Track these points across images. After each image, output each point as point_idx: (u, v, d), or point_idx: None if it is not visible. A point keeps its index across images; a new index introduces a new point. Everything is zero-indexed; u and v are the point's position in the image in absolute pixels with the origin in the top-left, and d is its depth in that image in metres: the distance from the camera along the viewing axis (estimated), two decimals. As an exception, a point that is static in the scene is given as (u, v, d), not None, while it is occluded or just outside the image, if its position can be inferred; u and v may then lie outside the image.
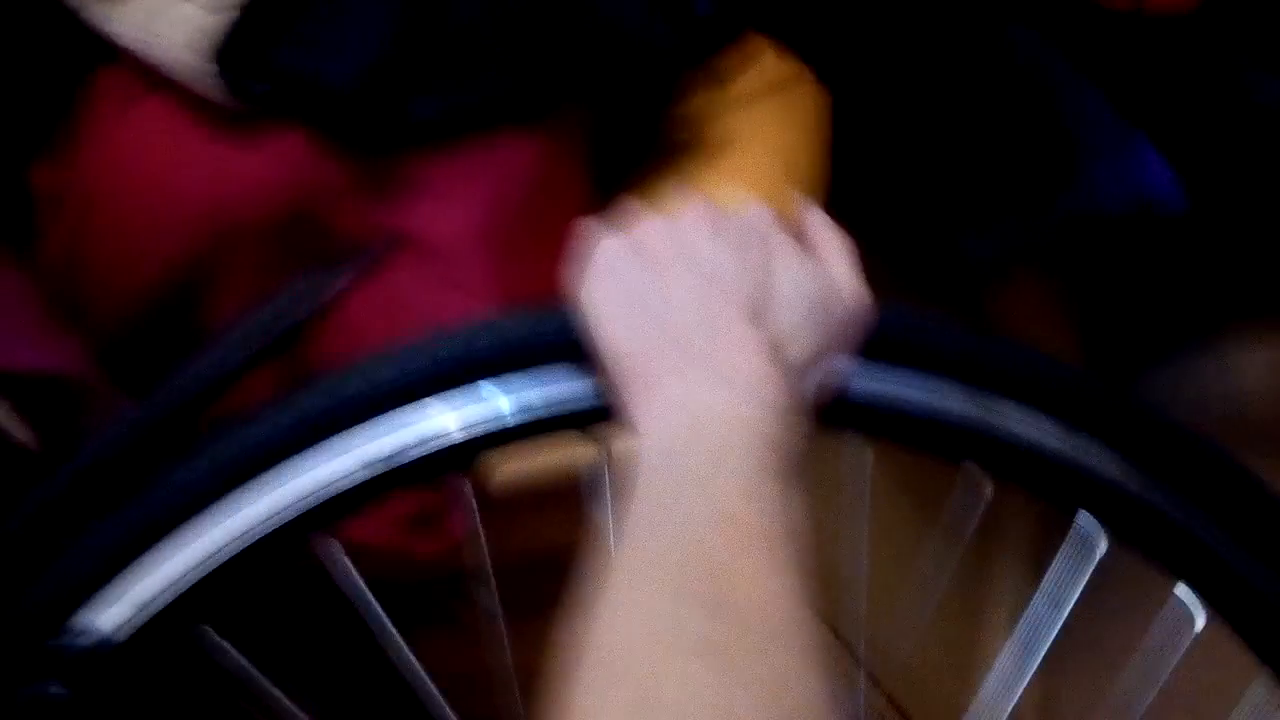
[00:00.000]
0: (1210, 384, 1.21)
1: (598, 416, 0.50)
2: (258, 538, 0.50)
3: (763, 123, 0.89)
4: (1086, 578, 0.57)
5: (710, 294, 0.47)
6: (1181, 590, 0.56)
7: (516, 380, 0.51)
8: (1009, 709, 0.61)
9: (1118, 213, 1.04)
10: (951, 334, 0.54)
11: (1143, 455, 0.54)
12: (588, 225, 0.51)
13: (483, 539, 0.56)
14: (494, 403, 0.51)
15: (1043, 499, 0.56)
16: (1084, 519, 0.56)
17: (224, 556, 0.50)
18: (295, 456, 0.49)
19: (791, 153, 0.86)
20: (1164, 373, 1.26)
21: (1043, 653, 0.60)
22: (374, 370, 0.50)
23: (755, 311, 0.47)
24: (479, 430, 0.51)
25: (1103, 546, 0.56)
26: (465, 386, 0.51)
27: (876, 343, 0.52)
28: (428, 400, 0.50)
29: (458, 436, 0.51)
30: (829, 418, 0.53)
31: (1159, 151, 1.00)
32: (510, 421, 0.51)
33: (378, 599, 0.87)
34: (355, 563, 0.77)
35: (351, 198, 0.77)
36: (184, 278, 0.75)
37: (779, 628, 0.37)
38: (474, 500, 0.53)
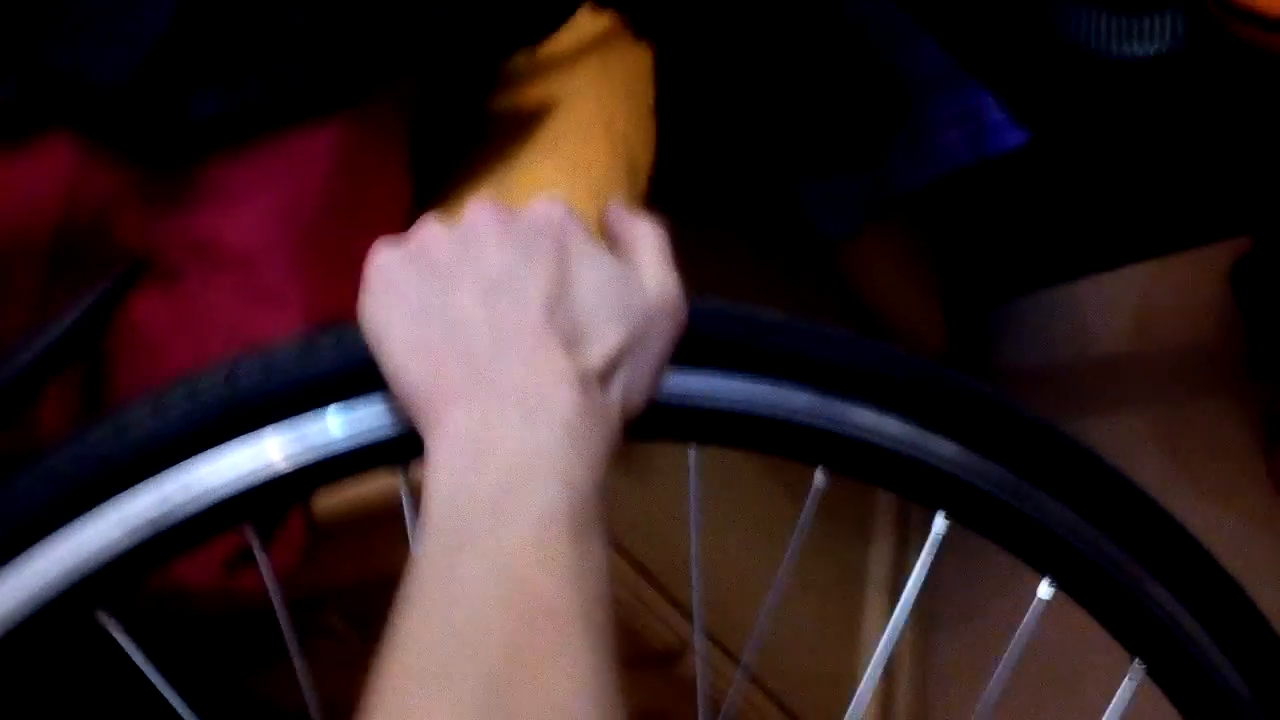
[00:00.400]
0: (1057, 322, 1.22)
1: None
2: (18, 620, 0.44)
3: (582, 86, 0.84)
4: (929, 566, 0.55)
5: (498, 300, 0.43)
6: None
7: (292, 423, 0.46)
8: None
9: (965, 163, 1.02)
10: (780, 332, 0.51)
11: (987, 445, 0.52)
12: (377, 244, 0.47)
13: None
14: (263, 451, 0.46)
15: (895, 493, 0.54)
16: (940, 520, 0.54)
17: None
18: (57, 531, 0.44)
19: (615, 117, 0.82)
20: (1017, 307, 1.27)
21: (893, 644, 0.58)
22: (133, 428, 0.44)
23: (549, 311, 0.43)
24: (253, 480, 0.45)
25: (941, 528, 0.54)
26: (238, 435, 0.45)
27: (698, 345, 0.49)
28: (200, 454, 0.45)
29: (231, 489, 0.45)
30: (654, 426, 0.49)
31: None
32: (283, 468, 0.46)
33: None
34: (186, 602, 0.72)
35: (134, 206, 0.70)
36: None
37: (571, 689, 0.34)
38: (263, 552, 0.48)
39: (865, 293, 1.12)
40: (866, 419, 0.52)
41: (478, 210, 0.47)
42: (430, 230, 0.47)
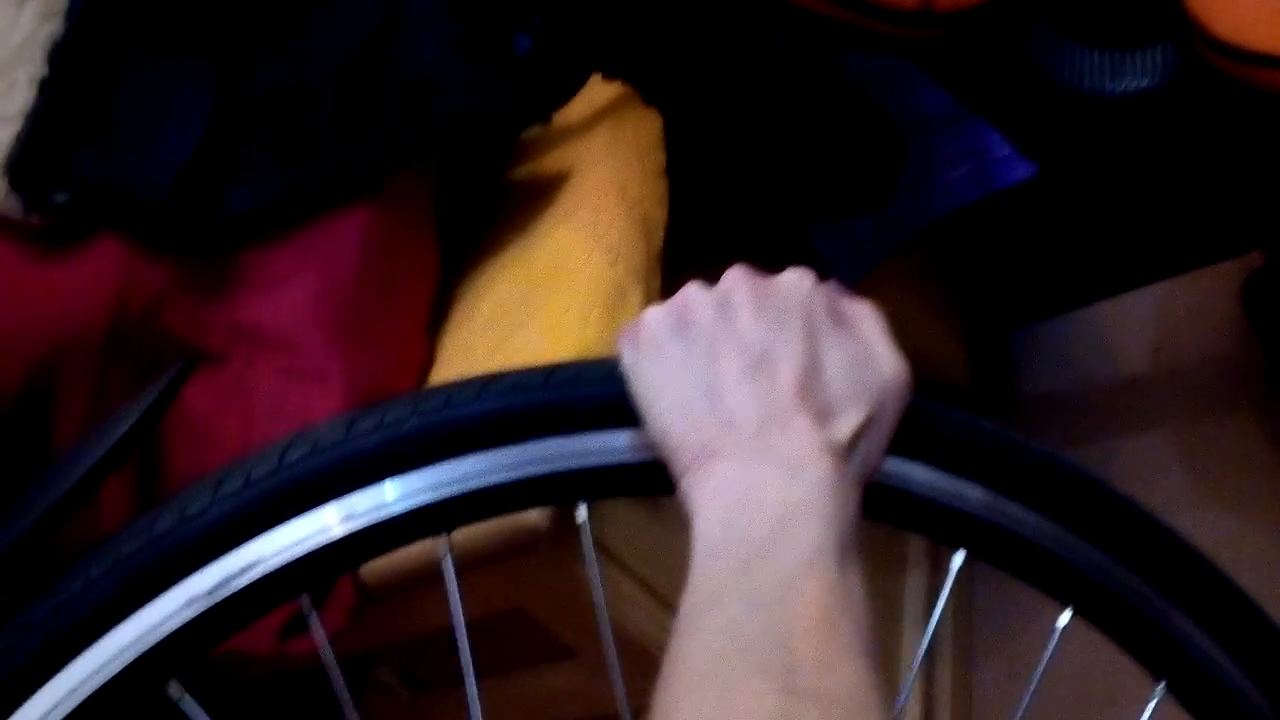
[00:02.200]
0: (1077, 346, 1.24)
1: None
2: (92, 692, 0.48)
3: (595, 153, 0.88)
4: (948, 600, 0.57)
5: (760, 378, 0.47)
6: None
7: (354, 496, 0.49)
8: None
9: (973, 200, 1.05)
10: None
11: (1001, 482, 0.55)
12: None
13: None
14: (317, 524, 0.49)
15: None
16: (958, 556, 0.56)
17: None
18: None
19: (628, 181, 0.85)
20: (1038, 334, 1.29)
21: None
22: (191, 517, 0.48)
23: (803, 388, 0.47)
24: (307, 552, 0.49)
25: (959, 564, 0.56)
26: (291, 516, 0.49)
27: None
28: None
29: (287, 561, 0.49)
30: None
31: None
32: (334, 538, 0.49)
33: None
34: (244, 668, 0.75)
35: (180, 297, 0.74)
36: (22, 402, 0.72)
37: (846, 710, 0.38)
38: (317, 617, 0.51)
39: (886, 330, 1.14)
40: (891, 465, 0.55)
41: (735, 279, 0.51)
42: (693, 295, 0.51)
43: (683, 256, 0.85)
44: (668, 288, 0.83)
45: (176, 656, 0.48)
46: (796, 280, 0.51)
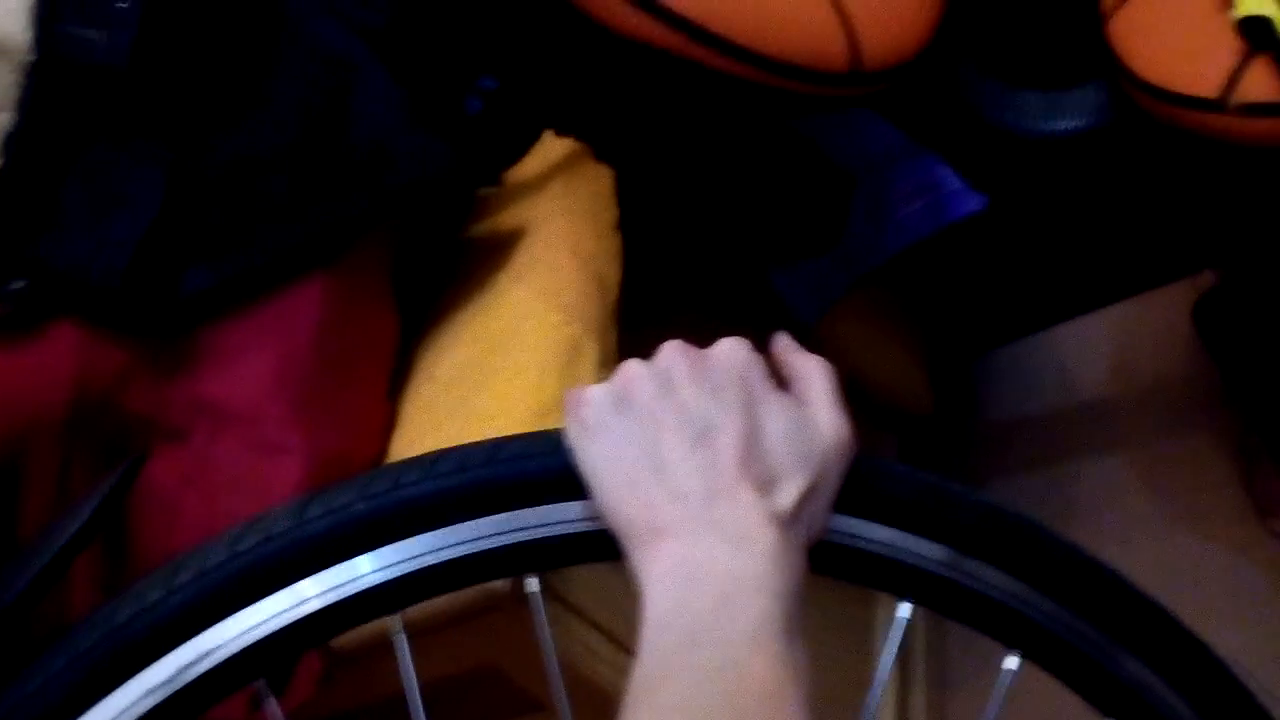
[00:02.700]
0: (1037, 370, 1.26)
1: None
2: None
3: (549, 210, 0.89)
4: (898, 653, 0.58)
5: (701, 451, 0.49)
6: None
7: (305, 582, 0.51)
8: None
9: (927, 233, 1.07)
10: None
11: (957, 537, 0.56)
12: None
13: None
14: (276, 606, 0.50)
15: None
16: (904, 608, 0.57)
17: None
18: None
19: (581, 238, 0.87)
20: (999, 359, 1.30)
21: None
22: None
23: (744, 459, 0.48)
24: (266, 630, 0.50)
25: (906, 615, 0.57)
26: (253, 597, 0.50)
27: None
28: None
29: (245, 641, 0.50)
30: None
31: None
32: (291, 618, 0.50)
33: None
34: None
35: (140, 376, 0.75)
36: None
37: None
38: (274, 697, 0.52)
39: (848, 364, 1.16)
40: (836, 523, 0.56)
41: (671, 353, 0.53)
42: (633, 371, 0.52)
43: (639, 310, 0.87)
44: (624, 343, 0.84)
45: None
46: (731, 349, 0.52)
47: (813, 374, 0.53)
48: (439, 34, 0.85)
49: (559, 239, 0.86)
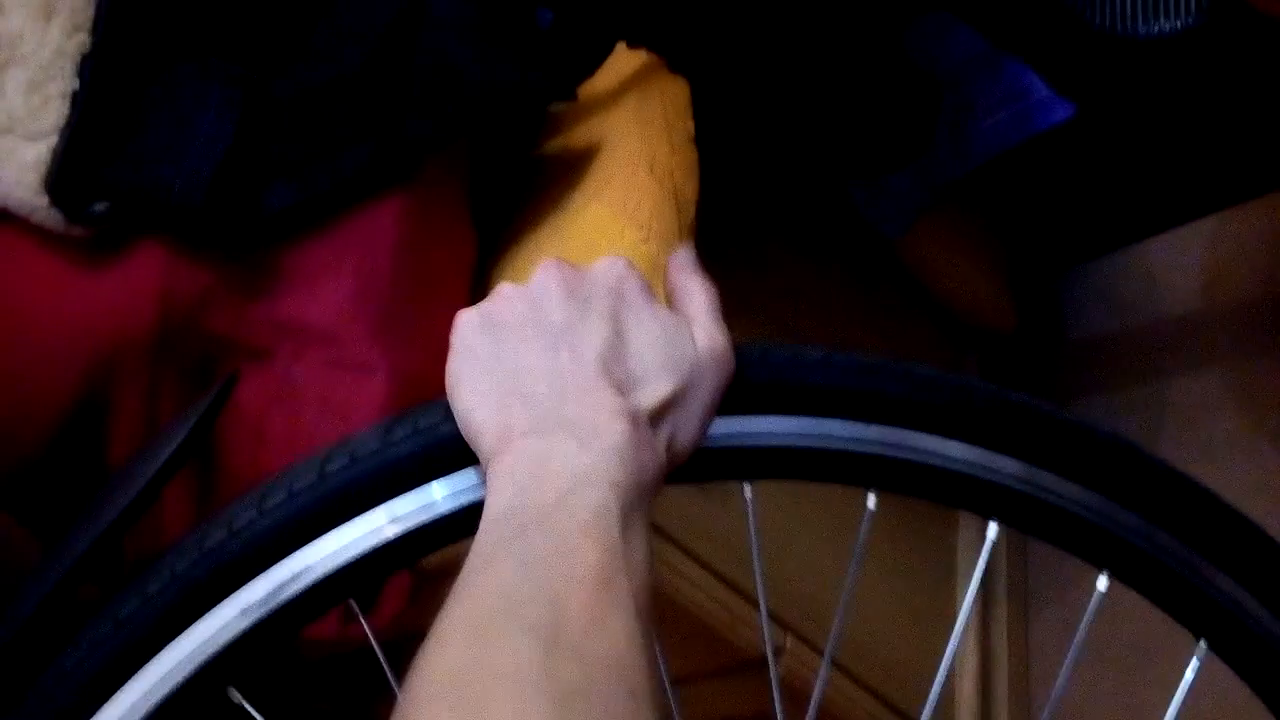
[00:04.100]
0: (1126, 285, 1.22)
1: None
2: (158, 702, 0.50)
3: (623, 125, 0.88)
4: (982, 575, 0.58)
5: (560, 355, 0.49)
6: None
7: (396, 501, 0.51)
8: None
9: (1014, 143, 1.04)
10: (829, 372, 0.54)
11: (1044, 455, 0.55)
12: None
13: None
14: (367, 525, 0.51)
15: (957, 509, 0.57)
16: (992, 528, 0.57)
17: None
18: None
19: (657, 153, 0.85)
20: (1085, 274, 1.27)
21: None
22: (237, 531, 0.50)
23: (604, 362, 0.48)
24: (357, 550, 0.51)
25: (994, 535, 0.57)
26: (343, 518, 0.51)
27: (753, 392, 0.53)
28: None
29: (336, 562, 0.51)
30: (719, 468, 0.53)
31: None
32: (384, 538, 0.51)
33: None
34: (308, 651, 0.77)
35: (223, 298, 0.76)
36: (77, 407, 0.74)
37: (611, 667, 0.39)
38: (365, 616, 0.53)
39: (930, 282, 1.14)
40: (919, 442, 0.55)
41: (545, 271, 0.52)
42: (502, 293, 0.53)
43: (718, 231, 0.85)
44: (703, 259, 0.83)
45: (235, 664, 0.50)
46: (607, 265, 0.52)
47: (694, 289, 0.54)
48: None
49: (634, 154, 0.85)
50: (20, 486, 0.77)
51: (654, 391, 0.49)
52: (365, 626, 0.53)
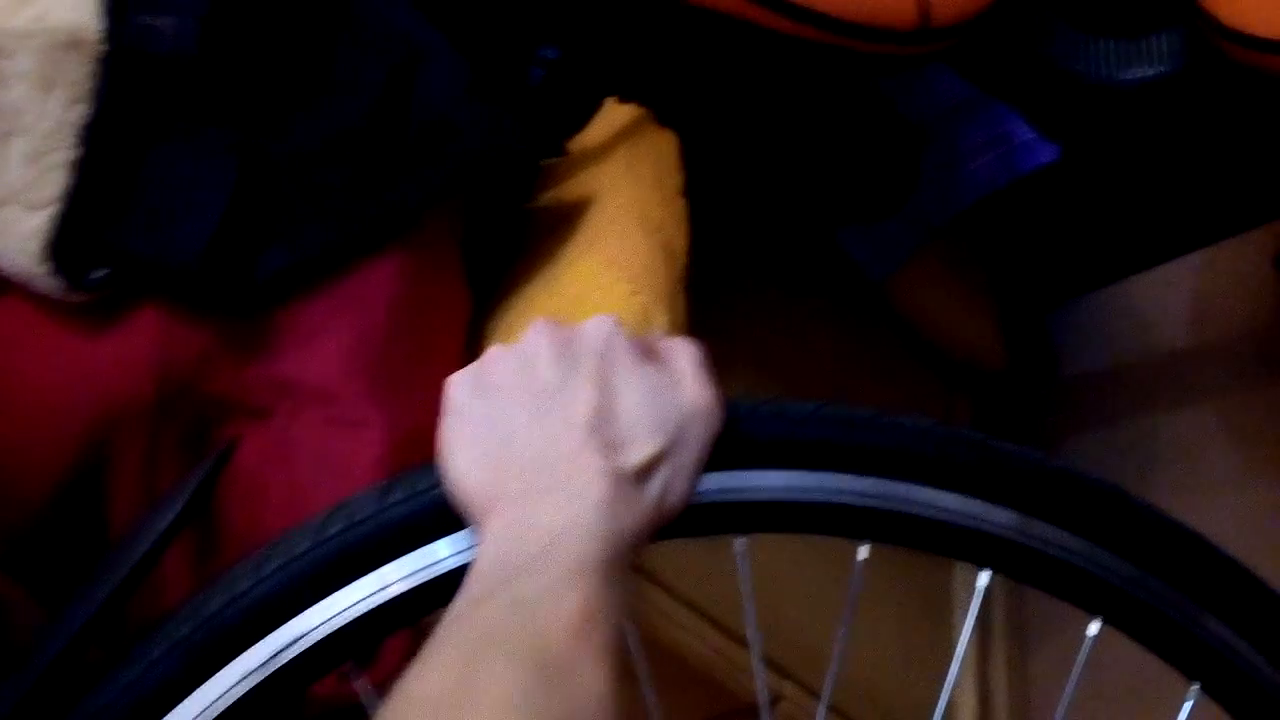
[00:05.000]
0: (1115, 321, 1.23)
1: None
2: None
3: (614, 178, 0.89)
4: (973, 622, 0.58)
5: (551, 419, 0.49)
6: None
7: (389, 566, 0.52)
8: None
9: (999, 185, 1.05)
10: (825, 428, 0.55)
11: (1033, 504, 0.55)
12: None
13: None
14: (364, 589, 0.51)
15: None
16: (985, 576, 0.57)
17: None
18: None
19: (648, 206, 0.86)
20: (1074, 312, 1.28)
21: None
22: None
23: (592, 424, 0.49)
24: (355, 613, 0.51)
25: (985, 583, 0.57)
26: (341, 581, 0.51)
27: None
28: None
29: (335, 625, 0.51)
30: (713, 523, 0.54)
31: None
32: (379, 600, 0.51)
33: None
34: (310, 707, 0.77)
35: (221, 358, 0.76)
36: (76, 473, 0.75)
37: (594, 702, 0.40)
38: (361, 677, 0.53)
39: (919, 322, 1.15)
40: (911, 494, 0.56)
41: (534, 332, 0.53)
42: (493, 355, 0.53)
43: (707, 281, 0.87)
44: (694, 310, 0.84)
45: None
46: (595, 325, 0.53)
47: (679, 347, 0.54)
48: (499, 6, 0.85)
49: (625, 207, 0.86)
50: (20, 549, 0.77)
51: (641, 450, 0.49)
52: (362, 684, 0.53)
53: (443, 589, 0.52)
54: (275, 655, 0.50)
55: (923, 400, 1.16)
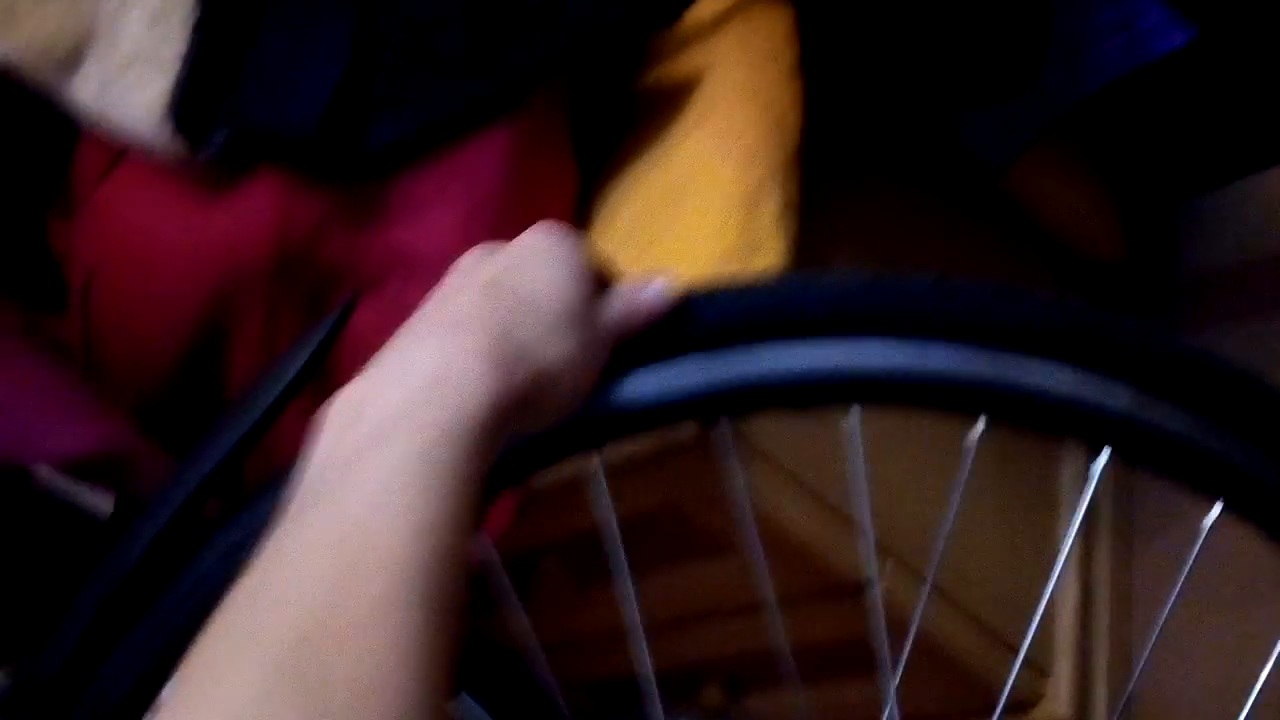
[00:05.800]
0: (1246, 215, 1.18)
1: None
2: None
3: (726, 54, 0.87)
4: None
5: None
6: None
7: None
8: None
9: (1126, 70, 1.00)
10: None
11: (1148, 380, 0.54)
12: None
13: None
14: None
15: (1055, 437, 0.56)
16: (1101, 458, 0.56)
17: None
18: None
19: (761, 81, 0.84)
20: (1205, 205, 1.23)
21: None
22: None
23: (488, 292, 0.50)
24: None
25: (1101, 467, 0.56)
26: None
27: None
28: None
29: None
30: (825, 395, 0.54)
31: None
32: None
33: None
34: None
35: (336, 227, 0.78)
36: (198, 337, 0.77)
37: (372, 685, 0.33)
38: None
39: (1036, 211, 1.12)
40: (1027, 369, 0.55)
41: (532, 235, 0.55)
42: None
43: (820, 161, 0.85)
44: (809, 191, 0.83)
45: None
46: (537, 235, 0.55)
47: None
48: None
49: (738, 84, 0.84)
50: (152, 410, 0.80)
51: (555, 351, 0.48)
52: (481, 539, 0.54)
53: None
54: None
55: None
